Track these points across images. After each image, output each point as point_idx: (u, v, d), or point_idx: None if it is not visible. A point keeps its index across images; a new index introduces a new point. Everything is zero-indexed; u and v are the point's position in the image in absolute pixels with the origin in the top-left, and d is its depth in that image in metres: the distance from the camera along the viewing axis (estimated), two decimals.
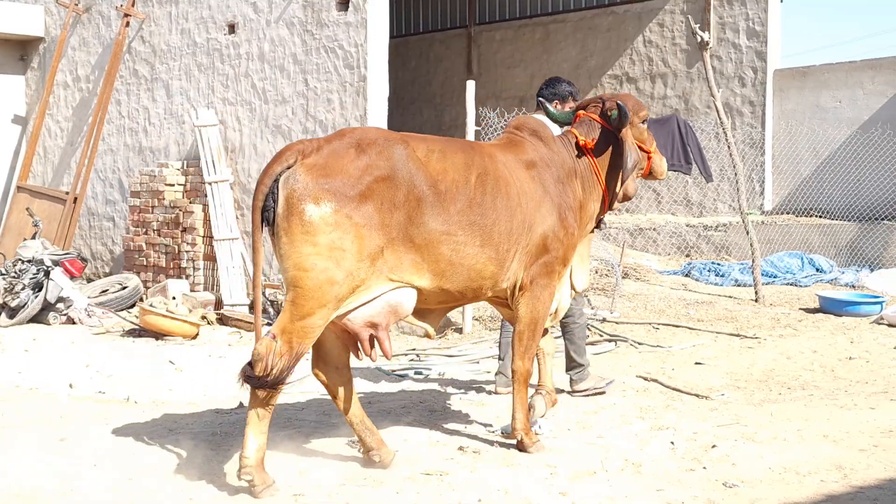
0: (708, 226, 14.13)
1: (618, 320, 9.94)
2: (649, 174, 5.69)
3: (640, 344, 8.92)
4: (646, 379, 7.39)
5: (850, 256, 12.90)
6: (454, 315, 10.02)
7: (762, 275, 11.69)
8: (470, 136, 9.85)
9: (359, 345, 4.65)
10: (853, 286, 11.94)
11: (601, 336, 9.19)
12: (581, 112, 5.55)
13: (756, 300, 11.02)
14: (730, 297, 11.32)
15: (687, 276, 12.69)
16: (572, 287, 5.44)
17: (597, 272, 11.56)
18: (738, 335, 9.18)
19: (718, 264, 12.86)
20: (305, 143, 4.48)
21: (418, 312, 4.86)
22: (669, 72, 15.32)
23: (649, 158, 5.65)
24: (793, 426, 5.60)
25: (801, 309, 10.68)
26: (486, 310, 10.34)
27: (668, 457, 4.98)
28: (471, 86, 10.04)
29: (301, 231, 4.29)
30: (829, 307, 10.40)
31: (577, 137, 5.39)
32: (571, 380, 6.75)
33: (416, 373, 7.73)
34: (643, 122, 5.58)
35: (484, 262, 4.79)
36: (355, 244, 4.35)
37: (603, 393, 6.70)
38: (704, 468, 4.78)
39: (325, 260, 4.29)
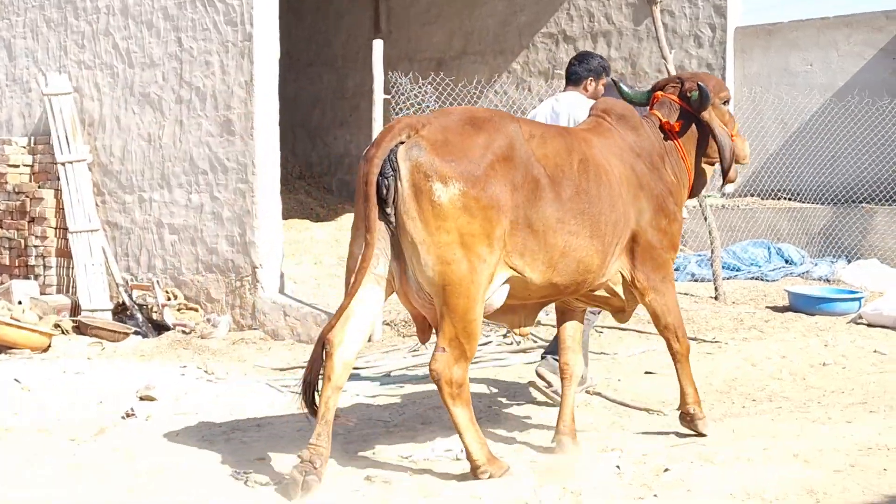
0: None
1: (552, 324, 9.99)
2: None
3: None
4: (588, 392, 7.46)
5: (825, 245, 13.17)
6: None
7: (723, 268, 11.87)
8: (378, 105, 9.83)
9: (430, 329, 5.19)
10: (828, 280, 12.20)
11: (535, 342, 9.24)
12: (659, 93, 6.15)
13: (716, 298, 11.19)
14: (685, 294, 11.47)
15: None
16: None
17: None
18: (695, 339, 9.29)
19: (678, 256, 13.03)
20: (412, 118, 4.98)
21: (512, 308, 5.38)
22: (614, 30, 15.47)
23: (731, 141, 6.13)
24: (758, 444, 5.69)
25: (768, 307, 10.87)
26: (400, 313, 10.33)
27: (614, 483, 5.03)
28: (378, 46, 10.02)
29: (433, 215, 4.78)
30: (799, 305, 10.60)
31: (660, 120, 6.00)
32: (546, 360, 7.14)
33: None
34: (725, 103, 6.16)
35: (592, 254, 5.32)
36: (488, 225, 4.85)
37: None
38: (655, 496, 4.84)
39: (465, 247, 4.81)
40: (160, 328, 10.65)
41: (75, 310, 11.12)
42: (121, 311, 11.14)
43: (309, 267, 12.62)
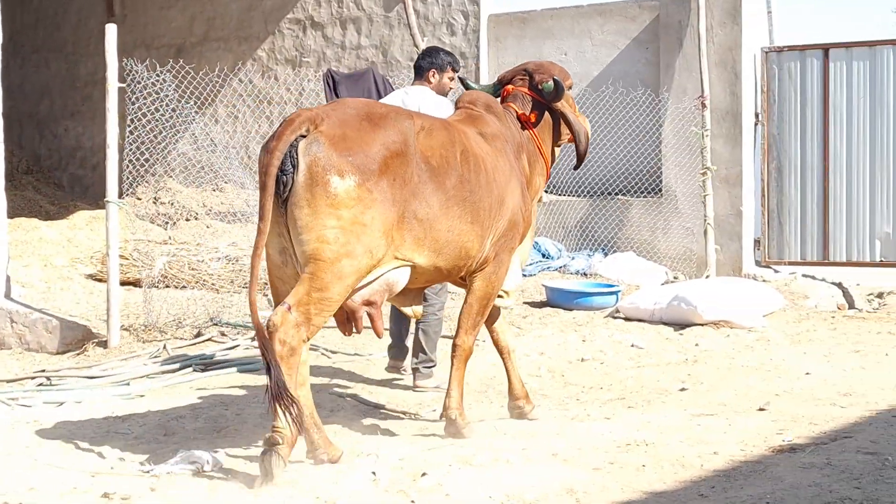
0: None
1: None
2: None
3: (334, 352, 8.96)
4: (341, 395, 7.44)
5: (581, 239, 13.55)
6: (100, 326, 9.68)
7: None
8: (112, 94, 9.53)
9: (350, 322, 5.61)
10: (585, 274, 12.56)
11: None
12: (509, 86, 6.76)
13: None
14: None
15: None
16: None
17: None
18: (451, 337, 9.40)
19: None
20: (311, 111, 5.40)
21: (402, 291, 5.83)
22: (364, 16, 15.50)
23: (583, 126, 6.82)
24: (517, 444, 5.79)
25: (525, 303, 11.11)
26: (139, 317, 10.05)
27: (370, 490, 5.02)
28: (112, 31, 9.70)
29: (326, 203, 5.22)
30: (557, 300, 10.88)
31: (516, 112, 6.61)
32: (416, 370, 7.76)
33: (44, 402, 7.39)
34: (569, 89, 6.78)
35: (472, 239, 5.91)
36: (376, 220, 5.34)
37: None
38: (412, 502, 4.85)
39: (347, 234, 5.25)
40: None
41: None
42: None
43: (38, 269, 12.13)
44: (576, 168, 6.97)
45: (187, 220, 14.68)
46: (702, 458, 5.53)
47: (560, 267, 12.87)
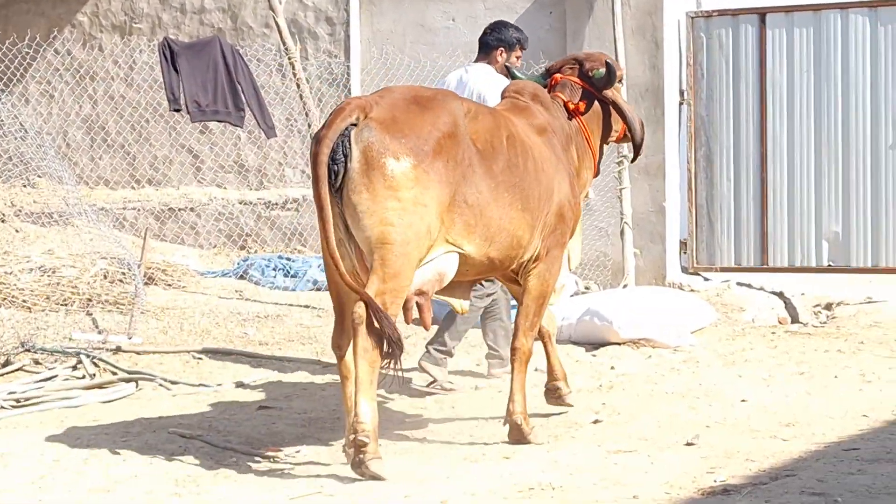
0: (272, 202, 14.35)
1: (140, 349, 9.84)
2: (623, 137, 7.87)
3: (174, 383, 8.89)
4: (184, 435, 7.37)
5: None
6: None
7: None
8: None
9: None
10: (480, 283, 12.59)
11: (115, 374, 9.04)
12: (557, 75, 7.67)
13: None
14: (307, 306, 11.55)
15: (243, 277, 12.80)
16: (569, 262, 7.57)
17: (105, 277, 11.36)
18: (320, 362, 9.39)
19: (289, 259, 13.08)
20: (360, 99, 6.44)
21: (450, 285, 6.74)
22: None
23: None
24: (399, 490, 5.81)
25: (415, 320, 11.10)
26: None
27: None
28: None
29: (384, 186, 6.15)
30: (437, 314, 10.84)
31: (565, 102, 7.53)
32: (429, 352, 8.72)
33: None
34: (619, 81, 7.74)
35: (524, 228, 6.79)
36: (434, 199, 6.28)
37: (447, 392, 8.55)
38: None
39: (411, 214, 6.17)
40: None
41: None
42: None
43: None
44: (633, 161, 8.33)
45: None
46: (619, 503, 5.59)
47: None
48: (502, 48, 8.77)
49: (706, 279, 13.10)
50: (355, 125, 6.25)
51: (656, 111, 13.02)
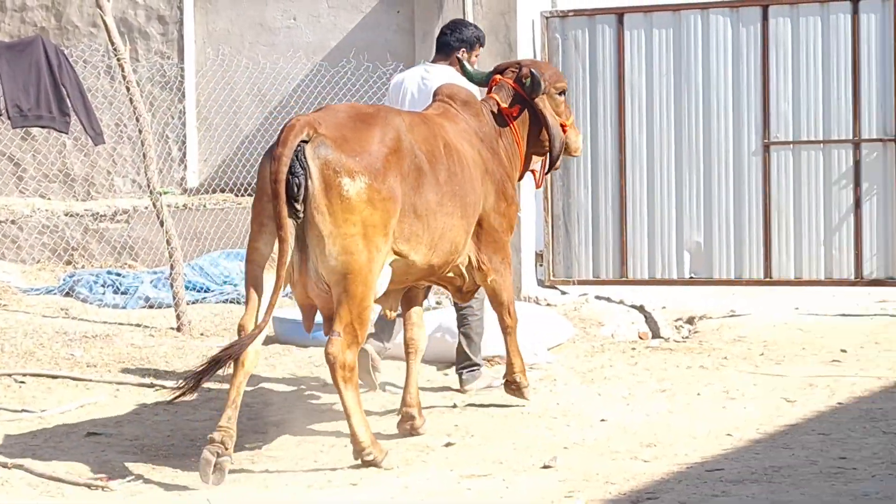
0: (101, 214, 14.20)
1: None
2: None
3: None
4: (5, 465, 7.26)
5: None
6: None
7: (187, 289, 11.92)
8: None
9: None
10: None
11: None
12: (498, 76, 8.47)
13: (178, 329, 11.24)
14: (138, 325, 11.45)
15: (69, 294, 12.64)
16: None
17: None
18: (150, 385, 9.31)
19: (119, 274, 12.95)
20: (306, 116, 6.92)
21: (386, 292, 7.38)
22: None
23: (563, 132, 8.46)
24: None
25: None
26: None
27: None
28: None
29: (342, 209, 6.69)
30: (288, 334, 10.84)
31: (498, 104, 8.32)
32: (462, 378, 9.26)
33: None
34: (561, 94, 8.50)
35: (461, 234, 7.57)
36: (387, 217, 6.87)
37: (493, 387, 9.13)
38: None
39: (367, 239, 6.76)
40: None
41: None
42: None
43: None
44: (547, 172, 8.86)
45: None
46: None
47: (289, 292, 12.83)
48: (464, 48, 9.20)
49: (563, 293, 13.24)
50: (306, 141, 6.73)
51: None
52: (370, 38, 13.94)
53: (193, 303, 12.08)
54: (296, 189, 6.63)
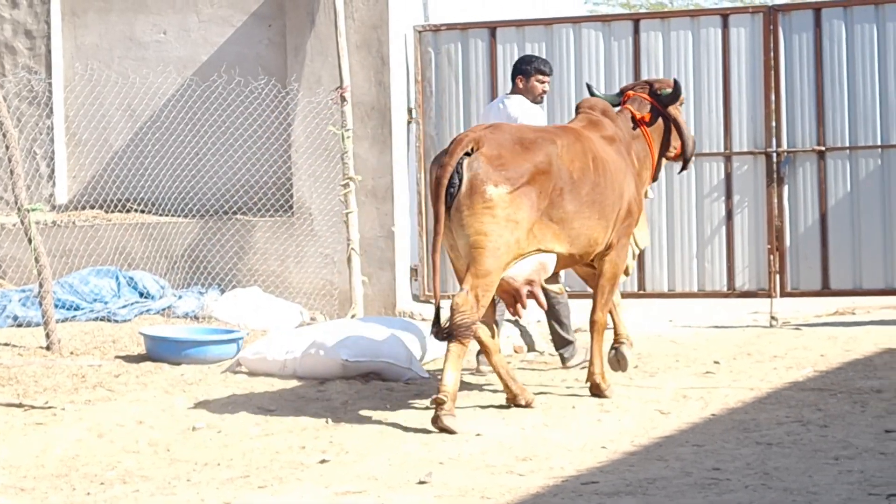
0: None
1: None
2: (678, 156, 10.37)
3: None
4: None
5: (191, 272, 13.44)
6: None
7: (57, 307, 11.75)
8: None
9: (516, 302, 9.00)
10: (196, 317, 12.47)
11: None
12: (630, 91, 10.22)
13: (48, 347, 11.07)
14: (7, 344, 11.28)
15: None
16: (636, 245, 10.14)
17: None
18: (19, 405, 9.16)
19: None
20: (475, 133, 8.75)
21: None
22: None
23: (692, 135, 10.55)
24: None
25: (118, 357, 10.93)
26: None
27: None
28: None
29: (482, 206, 8.47)
30: (160, 351, 10.74)
31: (633, 114, 10.02)
32: (563, 357, 11.01)
33: None
34: (680, 105, 10.30)
35: (599, 231, 9.19)
36: (525, 219, 8.60)
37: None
38: None
39: (502, 228, 8.50)
40: None
41: None
42: None
43: None
44: (681, 171, 10.85)
45: None
46: None
47: (164, 309, 12.73)
48: (520, 76, 10.90)
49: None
50: (469, 154, 8.55)
51: (383, 130, 13.15)
52: (241, 53, 13.87)
53: (63, 321, 11.91)
54: (451, 195, 8.48)
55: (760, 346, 11.50)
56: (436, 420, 8.30)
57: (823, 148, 12.84)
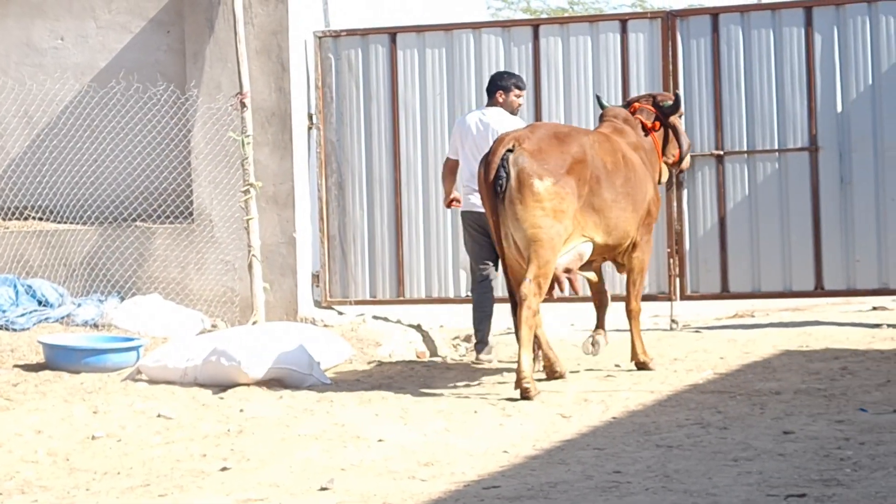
0: None
1: None
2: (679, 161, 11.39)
3: None
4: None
5: (90, 280, 13.32)
6: None
7: None
8: None
9: (556, 285, 10.03)
10: (95, 325, 12.36)
11: None
12: (636, 103, 11.12)
13: None
14: None
15: None
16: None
17: None
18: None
19: None
20: (516, 133, 9.90)
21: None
22: None
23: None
24: None
25: (17, 366, 10.85)
26: None
27: None
28: None
29: (533, 199, 9.50)
30: (59, 360, 10.67)
31: (643, 122, 10.94)
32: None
33: None
34: (680, 116, 11.39)
35: (632, 224, 10.27)
36: (569, 207, 9.64)
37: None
38: None
39: (552, 219, 9.53)
40: None
41: None
42: None
43: None
44: (679, 172, 12.08)
45: None
46: None
47: (63, 317, 12.60)
48: (500, 91, 11.43)
49: (340, 313, 13.25)
50: (511, 151, 9.59)
51: (284, 136, 13.10)
52: (140, 59, 13.76)
53: None
54: (500, 188, 9.54)
55: (661, 349, 11.60)
56: (525, 392, 9.44)
57: (722, 152, 12.92)
